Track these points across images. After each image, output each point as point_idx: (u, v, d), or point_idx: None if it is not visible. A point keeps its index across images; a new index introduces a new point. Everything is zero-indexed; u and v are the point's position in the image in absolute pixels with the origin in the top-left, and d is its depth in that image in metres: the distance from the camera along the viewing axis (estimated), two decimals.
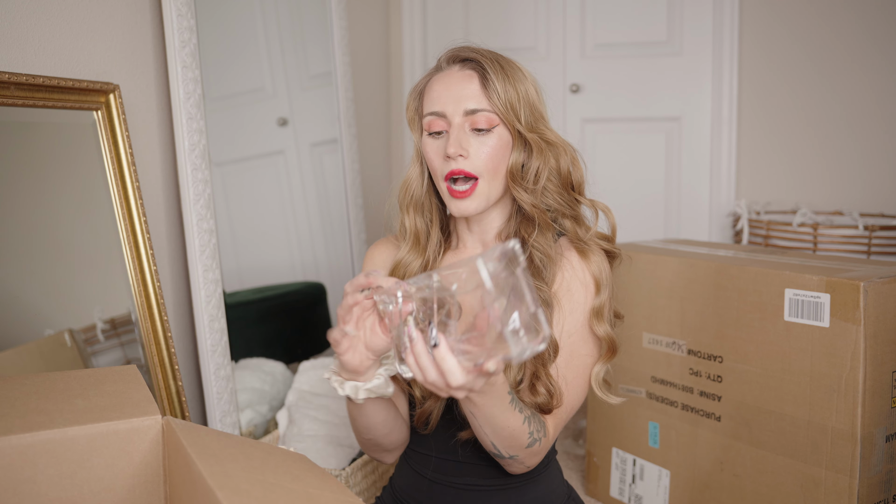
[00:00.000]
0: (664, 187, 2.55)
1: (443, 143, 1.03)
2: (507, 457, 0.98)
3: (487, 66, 1.02)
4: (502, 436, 0.94)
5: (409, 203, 1.10)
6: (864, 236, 1.96)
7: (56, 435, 0.78)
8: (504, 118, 1.02)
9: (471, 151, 1.02)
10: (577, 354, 1.06)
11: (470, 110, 1.02)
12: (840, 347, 1.28)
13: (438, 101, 1.03)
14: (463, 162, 1.02)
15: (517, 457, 0.98)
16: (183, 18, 1.57)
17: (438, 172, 1.05)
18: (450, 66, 1.06)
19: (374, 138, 2.74)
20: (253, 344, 1.91)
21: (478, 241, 1.12)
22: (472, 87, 1.02)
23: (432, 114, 1.04)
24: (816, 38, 2.28)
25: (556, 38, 2.64)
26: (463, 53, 1.05)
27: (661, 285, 1.60)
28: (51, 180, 1.41)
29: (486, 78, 1.02)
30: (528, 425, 0.96)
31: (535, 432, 0.98)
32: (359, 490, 1.60)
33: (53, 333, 1.38)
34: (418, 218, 1.10)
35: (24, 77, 1.30)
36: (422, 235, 1.10)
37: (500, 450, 0.97)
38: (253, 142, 2.05)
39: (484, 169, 1.02)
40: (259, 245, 2.06)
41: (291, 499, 0.71)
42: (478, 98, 1.02)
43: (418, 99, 1.09)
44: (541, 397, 1.03)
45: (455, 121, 1.02)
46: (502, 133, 1.03)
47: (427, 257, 1.10)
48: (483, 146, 1.02)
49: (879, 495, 1.29)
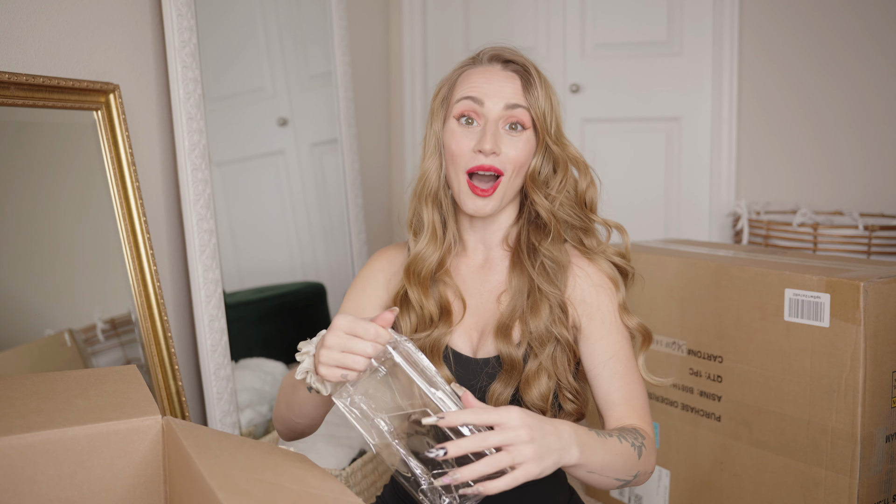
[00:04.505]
0: (664, 187, 2.55)
1: (474, 134, 1.02)
2: (632, 479, 0.98)
3: (531, 71, 1.04)
4: (619, 466, 0.94)
5: (428, 196, 1.08)
6: (864, 236, 1.96)
7: (56, 435, 0.78)
8: (538, 123, 1.03)
9: (502, 149, 1.02)
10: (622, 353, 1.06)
11: (512, 104, 1.02)
12: (840, 347, 1.28)
13: (478, 88, 1.03)
14: (494, 159, 1.01)
15: (639, 472, 0.98)
16: (183, 18, 1.57)
17: (461, 164, 1.03)
18: (491, 63, 1.06)
19: (374, 138, 2.74)
20: (253, 344, 1.91)
21: (479, 243, 1.11)
22: (514, 86, 1.03)
23: (469, 98, 1.02)
24: (816, 38, 2.28)
25: (556, 38, 2.64)
26: (506, 55, 1.06)
27: (661, 285, 1.60)
28: (51, 180, 1.41)
29: (528, 82, 1.03)
30: (624, 441, 0.95)
31: (634, 441, 0.97)
32: (359, 490, 1.60)
33: (53, 333, 1.38)
34: (436, 212, 1.09)
35: (24, 77, 1.30)
36: (439, 228, 1.09)
37: (624, 478, 0.96)
38: (253, 142, 2.05)
39: (511, 167, 1.03)
40: (259, 245, 2.06)
41: (291, 499, 0.71)
42: (519, 97, 1.03)
43: (449, 87, 1.07)
44: (569, 404, 1.05)
45: (493, 114, 1.02)
46: (530, 136, 1.04)
47: (444, 251, 1.09)
48: (514, 147, 1.02)
49: (879, 495, 1.29)
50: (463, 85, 1.05)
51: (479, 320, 1.09)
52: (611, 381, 1.04)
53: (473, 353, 1.08)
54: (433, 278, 1.07)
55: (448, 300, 1.08)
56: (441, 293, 1.07)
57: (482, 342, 1.08)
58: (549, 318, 1.03)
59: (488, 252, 1.11)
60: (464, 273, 1.12)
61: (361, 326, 0.84)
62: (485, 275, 1.11)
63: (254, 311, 1.94)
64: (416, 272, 1.07)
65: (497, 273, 1.10)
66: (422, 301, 1.06)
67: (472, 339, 1.09)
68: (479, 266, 1.11)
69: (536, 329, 1.03)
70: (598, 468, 0.91)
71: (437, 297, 1.07)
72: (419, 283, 1.06)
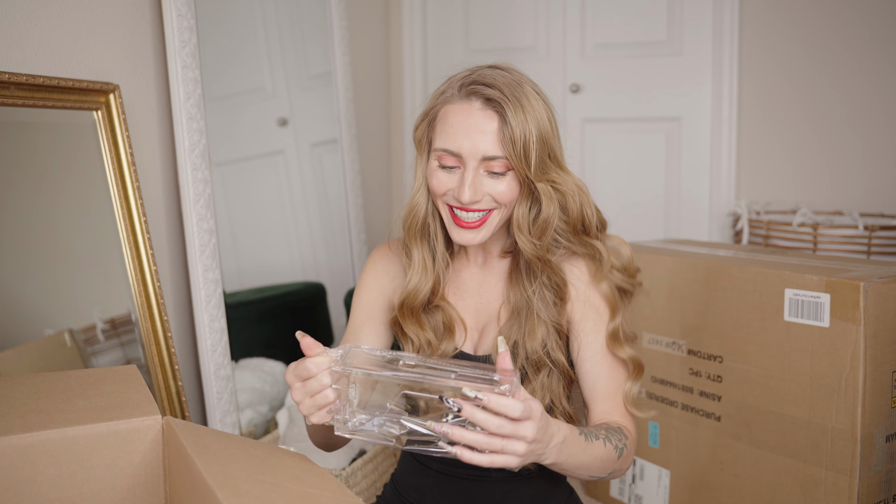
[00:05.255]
0: (664, 187, 2.55)
1: (454, 179, 1.01)
2: (606, 475, 1.02)
3: (508, 108, 0.97)
4: (595, 467, 0.98)
5: (416, 231, 1.08)
6: (864, 236, 1.96)
7: (56, 435, 0.78)
8: (517, 167, 0.99)
9: (484, 191, 1.00)
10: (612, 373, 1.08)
11: (489, 157, 0.99)
12: (840, 347, 1.28)
13: (454, 139, 0.99)
14: (477, 204, 1.01)
15: (614, 470, 1.02)
16: (183, 18, 1.57)
17: (444, 201, 1.03)
18: (469, 100, 1.00)
19: (374, 138, 2.74)
20: (253, 344, 1.91)
21: (479, 251, 1.12)
22: (490, 128, 0.98)
23: (446, 151, 1.00)
24: (816, 38, 2.28)
25: (556, 38, 2.64)
26: (486, 92, 0.99)
27: (661, 285, 1.60)
28: (51, 180, 1.41)
29: (504, 121, 0.98)
30: (608, 444, 0.99)
31: (617, 444, 1.00)
32: (359, 490, 1.60)
33: (53, 333, 1.38)
34: (425, 247, 1.09)
35: (24, 77, 1.30)
36: (429, 262, 1.09)
37: (598, 475, 1.00)
38: (253, 142, 2.05)
39: (497, 203, 1.02)
40: (259, 245, 2.07)
41: (291, 499, 0.71)
42: (495, 144, 0.98)
43: (429, 123, 1.05)
44: None
45: (470, 164, 1.00)
46: (513, 175, 1.01)
47: (434, 280, 1.09)
48: (496, 187, 1.00)
49: (879, 495, 1.29)
50: (441, 126, 1.02)
51: (479, 320, 1.11)
52: (597, 375, 1.07)
53: (474, 350, 1.11)
54: (428, 308, 1.09)
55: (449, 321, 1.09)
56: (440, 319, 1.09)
57: (482, 340, 1.11)
58: (545, 342, 1.05)
59: (487, 256, 1.13)
60: (464, 276, 1.13)
61: (302, 368, 0.86)
62: (485, 276, 1.12)
63: (254, 311, 1.94)
64: (410, 306, 1.09)
65: (496, 274, 1.12)
66: (419, 335, 1.08)
67: (472, 339, 1.11)
68: (479, 267, 1.13)
69: (532, 351, 1.04)
70: (570, 469, 0.96)
71: (434, 325, 1.09)
72: (414, 317, 1.08)
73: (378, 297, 1.13)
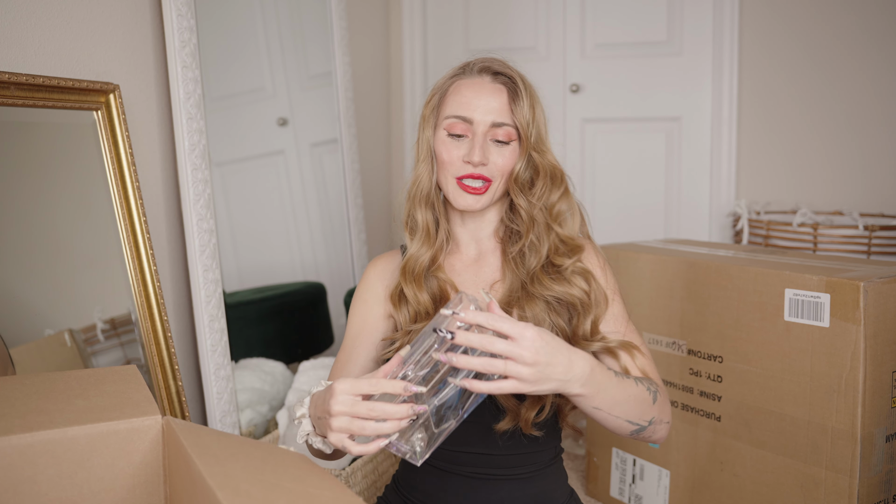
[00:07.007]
0: (664, 187, 2.55)
1: (463, 147, 1.09)
2: (647, 424, 1.02)
3: (519, 84, 1.09)
4: (632, 409, 0.98)
5: (421, 198, 1.15)
6: (864, 236, 1.96)
7: (56, 435, 0.78)
8: (522, 134, 1.09)
9: (490, 159, 1.08)
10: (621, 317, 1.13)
11: (499, 122, 1.08)
12: (840, 347, 1.28)
13: (467, 106, 1.09)
14: (482, 168, 1.08)
15: (654, 417, 1.02)
16: (183, 18, 1.57)
17: (451, 172, 1.10)
18: (481, 75, 1.11)
19: (374, 138, 2.74)
20: (253, 344, 1.91)
21: (471, 239, 1.17)
22: (500, 100, 1.09)
23: (458, 117, 1.09)
24: (816, 38, 2.28)
25: (556, 38, 2.64)
26: (496, 67, 1.11)
27: (661, 285, 1.60)
28: (51, 180, 1.41)
29: (515, 94, 1.09)
30: (640, 384, 1.01)
31: (649, 387, 1.02)
32: (359, 490, 1.60)
33: (53, 333, 1.38)
34: (429, 213, 1.15)
35: (24, 77, 1.30)
36: (432, 228, 1.15)
37: (638, 422, 1.00)
38: (253, 142, 2.05)
39: (499, 174, 1.10)
40: (259, 245, 2.07)
41: (291, 499, 0.71)
42: (505, 112, 1.09)
43: (440, 97, 1.13)
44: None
45: (481, 129, 1.08)
46: (516, 147, 1.10)
47: (436, 250, 1.15)
48: (501, 156, 1.09)
49: (879, 495, 1.29)
50: (453, 97, 1.11)
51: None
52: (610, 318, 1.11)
53: None
54: (427, 275, 1.14)
55: (443, 291, 1.13)
56: (435, 286, 1.13)
57: None
58: (546, 308, 1.07)
59: (480, 246, 1.17)
60: (458, 269, 1.17)
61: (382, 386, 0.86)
62: (479, 269, 1.16)
63: (254, 311, 1.94)
64: (411, 270, 1.13)
65: (490, 265, 1.16)
66: (417, 296, 1.12)
67: None
68: (473, 260, 1.17)
69: (533, 316, 1.07)
70: (607, 406, 0.95)
71: (431, 291, 1.13)
72: (414, 279, 1.13)
73: (374, 306, 1.17)
